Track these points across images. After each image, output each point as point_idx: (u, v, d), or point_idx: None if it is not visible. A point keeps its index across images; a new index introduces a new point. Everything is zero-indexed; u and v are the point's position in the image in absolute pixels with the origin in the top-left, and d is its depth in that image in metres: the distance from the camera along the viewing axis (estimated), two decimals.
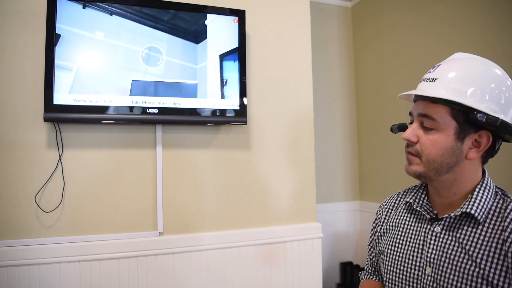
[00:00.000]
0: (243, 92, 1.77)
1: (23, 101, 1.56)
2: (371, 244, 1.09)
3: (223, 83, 1.75)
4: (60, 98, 1.51)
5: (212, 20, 1.74)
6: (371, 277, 1.10)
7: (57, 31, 1.51)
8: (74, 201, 1.61)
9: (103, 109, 1.56)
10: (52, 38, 1.50)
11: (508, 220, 0.76)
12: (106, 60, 1.58)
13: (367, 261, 1.13)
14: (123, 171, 1.68)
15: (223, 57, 1.75)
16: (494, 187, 0.84)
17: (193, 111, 1.69)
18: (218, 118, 1.72)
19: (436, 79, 0.81)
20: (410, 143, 0.84)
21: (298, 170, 1.97)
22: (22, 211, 1.54)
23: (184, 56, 1.69)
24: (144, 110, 1.61)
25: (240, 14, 1.79)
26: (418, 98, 0.86)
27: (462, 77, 0.78)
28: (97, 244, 1.61)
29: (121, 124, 1.68)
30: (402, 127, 0.95)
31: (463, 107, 0.76)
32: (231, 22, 1.77)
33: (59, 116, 1.51)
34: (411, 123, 0.88)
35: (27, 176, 1.55)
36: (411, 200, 0.92)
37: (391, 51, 2.51)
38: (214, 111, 1.72)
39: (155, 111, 1.63)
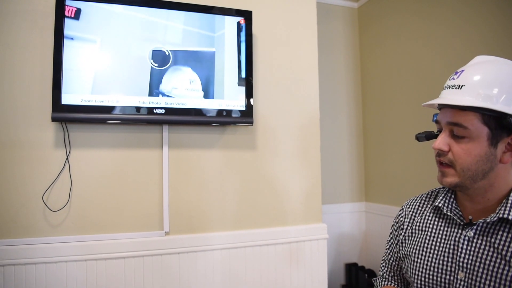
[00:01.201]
0: (249, 93, 1.77)
1: (31, 101, 1.57)
2: (390, 248, 1.07)
3: (240, 51, 1.76)
4: (78, 98, 1.53)
5: None
6: (389, 283, 1.08)
7: (77, 6, 1.55)
8: (81, 201, 1.62)
9: (110, 109, 1.57)
10: (60, 40, 1.51)
11: None
12: (127, 31, 1.61)
13: (383, 266, 1.10)
14: (130, 171, 1.69)
15: (240, 24, 1.78)
16: None
17: (199, 112, 1.69)
18: (224, 119, 1.73)
19: (462, 85, 0.79)
20: (442, 153, 0.82)
21: (304, 171, 1.97)
22: (29, 210, 1.56)
23: (202, 25, 1.72)
24: (150, 110, 1.62)
25: (246, 15, 1.79)
26: (445, 106, 0.83)
27: (490, 82, 0.77)
28: (103, 243, 1.62)
29: (128, 124, 1.69)
30: (430, 136, 0.91)
31: (495, 112, 0.75)
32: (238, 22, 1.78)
33: (67, 116, 1.52)
34: (438, 131, 0.86)
35: (35, 176, 1.56)
36: (440, 205, 0.90)
37: (397, 52, 2.50)
38: (220, 112, 1.72)
39: (162, 111, 1.63)
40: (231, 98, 1.75)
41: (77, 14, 1.54)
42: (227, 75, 1.74)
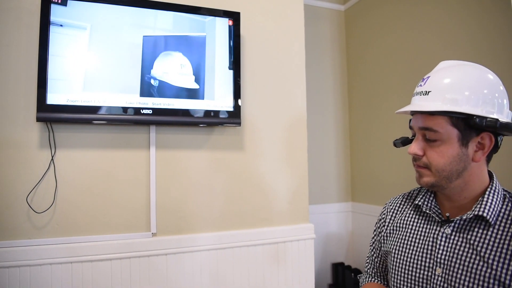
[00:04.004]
0: (237, 93, 1.78)
1: (16, 100, 1.54)
2: (373, 245, 1.10)
3: (231, 35, 1.78)
4: (67, 97, 1.50)
5: None
6: (373, 279, 1.11)
7: None
8: (67, 202, 1.60)
9: (96, 109, 1.55)
10: (46, 36, 1.49)
11: None
12: (117, 17, 1.59)
13: (368, 262, 1.14)
14: (116, 172, 1.68)
15: (229, 24, 1.79)
16: (502, 190, 0.86)
17: (186, 112, 1.69)
18: (212, 119, 1.73)
19: (429, 91, 0.83)
20: (417, 157, 0.86)
21: (291, 172, 1.99)
22: (13, 212, 1.53)
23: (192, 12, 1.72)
24: (137, 110, 1.61)
25: (235, 16, 1.79)
26: (416, 112, 0.87)
27: (455, 85, 0.80)
28: (89, 245, 1.60)
29: (115, 125, 1.67)
30: (406, 141, 0.97)
31: (462, 114, 0.79)
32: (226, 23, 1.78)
33: (52, 116, 1.49)
34: (413, 136, 0.91)
35: (19, 177, 1.54)
36: (419, 203, 0.94)
37: (383, 54, 2.54)
38: (208, 112, 1.72)
39: (149, 111, 1.62)
40: (220, 95, 1.75)
41: (63, 0, 1.52)
42: (218, 61, 1.75)
